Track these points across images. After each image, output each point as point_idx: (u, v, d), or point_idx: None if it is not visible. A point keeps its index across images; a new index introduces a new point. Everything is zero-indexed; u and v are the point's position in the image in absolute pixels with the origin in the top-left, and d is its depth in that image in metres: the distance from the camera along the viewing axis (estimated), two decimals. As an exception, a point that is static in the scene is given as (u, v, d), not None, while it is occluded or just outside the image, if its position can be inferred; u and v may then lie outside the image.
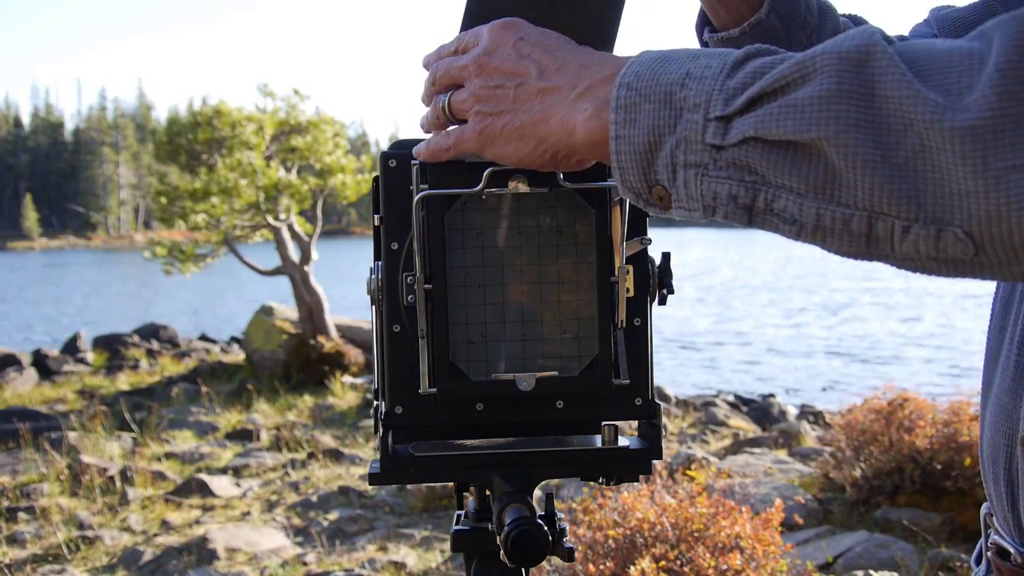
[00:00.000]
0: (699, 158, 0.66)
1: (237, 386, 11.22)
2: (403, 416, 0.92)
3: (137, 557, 5.67)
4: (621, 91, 0.70)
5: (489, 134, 0.79)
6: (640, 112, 0.68)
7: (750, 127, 0.63)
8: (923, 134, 0.57)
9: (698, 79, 0.66)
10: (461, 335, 0.91)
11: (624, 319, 0.90)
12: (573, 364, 0.92)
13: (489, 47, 0.80)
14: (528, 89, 0.77)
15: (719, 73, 0.66)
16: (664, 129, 0.67)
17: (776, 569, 3.43)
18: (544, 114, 0.75)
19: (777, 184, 0.63)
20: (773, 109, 0.62)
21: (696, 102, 0.66)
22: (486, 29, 0.81)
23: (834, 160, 0.60)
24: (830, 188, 0.61)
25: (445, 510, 6.28)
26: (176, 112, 43.64)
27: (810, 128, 0.60)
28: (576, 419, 0.96)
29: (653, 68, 0.69)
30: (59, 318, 26.50)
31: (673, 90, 0.67)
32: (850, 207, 0.60)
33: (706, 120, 0.65)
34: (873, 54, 0.59)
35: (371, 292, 0.93)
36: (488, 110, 0.79)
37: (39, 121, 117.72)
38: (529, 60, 0.77)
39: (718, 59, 0.67)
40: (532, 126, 0.76)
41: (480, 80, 0.79)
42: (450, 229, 0.89)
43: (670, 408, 9.67)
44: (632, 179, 0.70)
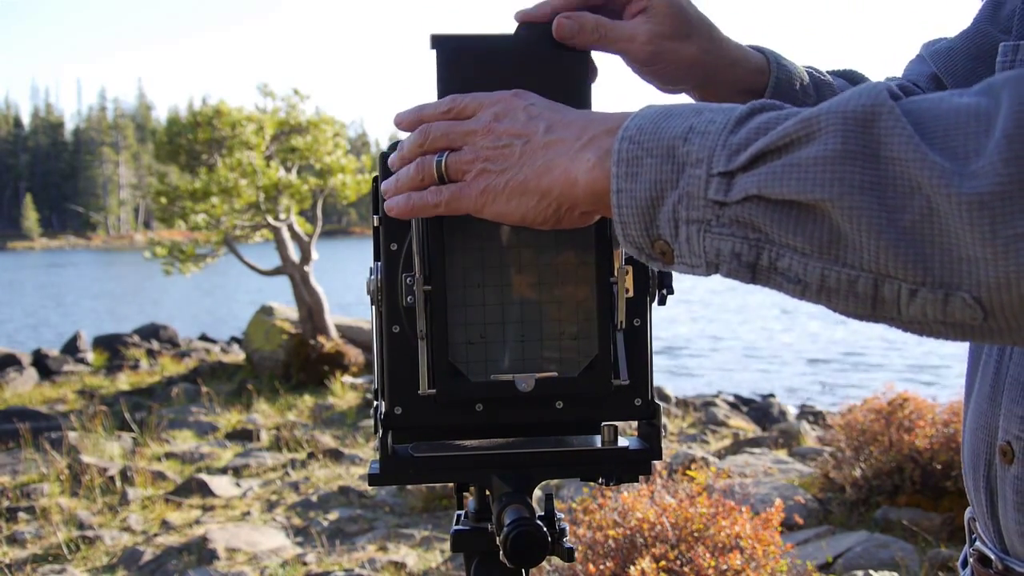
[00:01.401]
0: (701, 214, 0.65)
1: (237, 386, 11.22)
2: (403, 416, 0.92)
3: (137, 557, 5.67)
4: (623, 144, 0.69)
5: (491, 191, 0.78)
6: (642, 166, 0.68)
7: (753, 185, 0.62)
8: (931, 198, 0.56)
9: (701, 134, 0.66)
10: (460, 336, 0.91)
11: (624, 319, 0.90)
12: (573, 365, 0.92)
13: (499, 112, 0.79)
14: (535, 144, 0.76)
15: (723, 128, 0.65)
16: (666, 184, 0.66)
17: (776, 569, 3.43)
18: (547, 166, 0.75)
19: (781, 243, 0.62)
20: (777, 167, 0.61)
21: (699, 157, 0.65)
22: (493, 97, 0.81)
23: (839, 221, 0.59)
24: (835, 249, 0.60)
25: (445, 510, 6.28)
26: (176, 112, 43.60)
27: (814, 189, 0.59)
28: (576, 419, 0.96)
29: (656, 121, 0.68)
30: (59, 318, 26.50)
31: (676, 144, 0.66)
32: (856, 268, 0.60)
33: (709, 176, 0.64)
34: (879, 114, 0.58)
35: (371, 292, 0.93)
36: (493, 168, 0.78)
37: (39, 121, 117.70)
38: (538, 119, 0.77)
39: (722, 114, 0.66)
40: (535, 178, 0.75)
41: (488, 142, 0.79)
42: (449, 230, 0.89)
43: (670, 408, 9.68)
44: (634, 233, 0.69)
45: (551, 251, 0.91)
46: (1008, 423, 0.92)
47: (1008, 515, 0.93)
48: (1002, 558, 0.97)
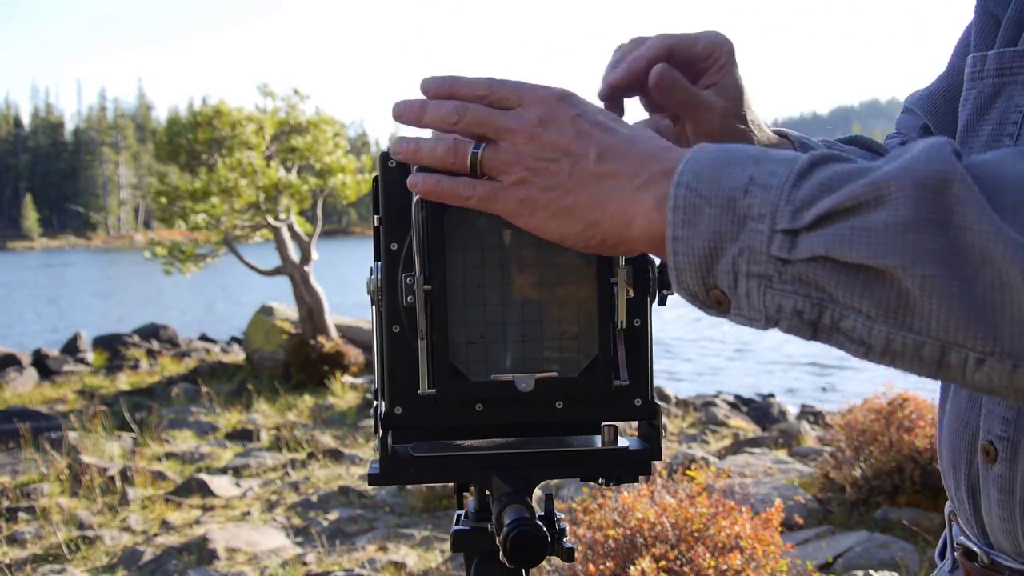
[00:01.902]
0: (763, 269, 0.64)
1: (237, 386, 11.22)
2: (403, 416, 0.92)
3: (137, 557, 5.67)
4: (679, 191, 0.68)
5: (531, 204, 0.76)
6: (700, 215, 0.66)
7: (820, 246, 0.62)
8: (1003, 271, 0.57)
9: (762, 187, 0.65)
10: (461, 336, 0.91)
11: (624, 320, 0.90)
12: (573, 365, 0.92)
13: (544, 117, 0.76)
14: (585, 169, 0.74)
15: (785, 182, 0.64)
16: (726, 236, 0.65)
17: (776, 569, 3.43)
18: (600, 199, 0.73)
19: (846, 304, 0.62)
20: (845, 230, 0.61)
21: (761, 212, 0.64)
22: (537, 94, 0.77)
23: (908, 288, 0.59)
24: (903, 314, 0.60)
25: (445, 510, 6.28)
26: (176, 112, 43.60)
27: (885, 255, 0.59)
28: (576, 420, 0.96)
29: (714, 168, 0.67)
30: (59, 318, 26.50)
31: (736, 196, 0.65)
32: (923, 335, 0.60)
33: (772, 231, 0.64)
34: (951, 181, 0.59)
35: (371, 292, 0.93)
36: (537, 181, 0.75)
37: (39, 121, 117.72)
38: (588, 139, 0.74)
39: (783, 165, 0.65)
40: (585, 209, 0.74)
41: (531, 150, 0.75)
42: (450, 230, 0.89)
43: (670, 408, 9.68)
44: (689, 281, 0.68)
45: (552, 251, 0.91)
46: (990, 423, 0.92)
47: (992, 512, 0.94)
48: (988, 552, 0.98)
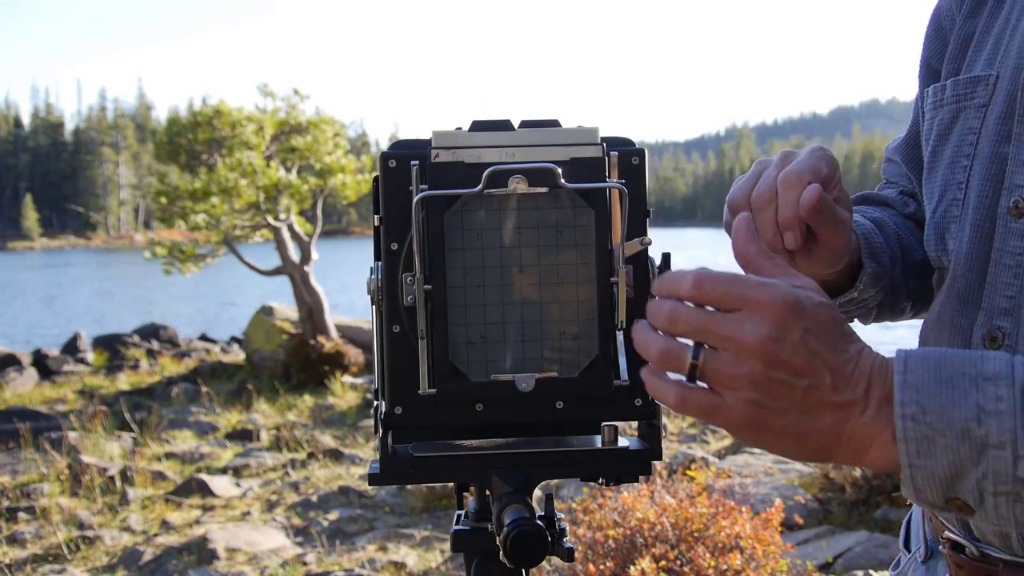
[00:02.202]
0: (1011, 488, 0.70)
1: (237, 386, 11.22)
2: (403, 416, 0.92)
3: (137, 557, 5.67)
4: (907, 423, 0.72)
5: (760, 426, 0.75)
6: (935, 446, 0.71)
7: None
8: None
9: (995, 415, 0.70)
10: (461, 336, 0.91)
11: (624, 319, 0.90)
12: (573, 365, 0.92)
13: (774, 333, 0.72)
14: (819, 396, 0.73)
15: (1013, 406, 0.69)
16: (967, 462, 0.71)
17: (776, 569, 3.43)
18: (836, 430, 0.74)
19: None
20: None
21: (1000, 440, 0.69)
22: (761, 300, 0.73)
23: None
24: None
25: (445, 510, 6.28)
26: (176, 112, 43.54)
27: None
28: (576, 420, 0.96)
29: (936, 397, 0.71)
30: (59, 318, 26.50)
31: (970, 426, 0.70)
32: None
33: (1016, 457, 0.69)
34: None
35: (371, 292, 0.93)
36: (768, 404, 0.74)
37: (39, 121, 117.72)
38: (820, 361, 0.73)
39: (1005, 386, 0.70)
40: (819, 436, 0.75)
41: (761, 368, 0.73)
42: (450, 230, 0.89)
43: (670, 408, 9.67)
44: (930, 497, 0.74)
45: (552, 251, 0.91)
46: None
47: None
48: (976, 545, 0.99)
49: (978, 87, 1.02)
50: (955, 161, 1.03)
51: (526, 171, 0.87)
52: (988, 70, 1.02)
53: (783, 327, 0.73)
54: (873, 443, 0.74)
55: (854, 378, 0.74)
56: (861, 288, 1.11)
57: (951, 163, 1.03)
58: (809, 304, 0.75)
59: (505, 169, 0.86)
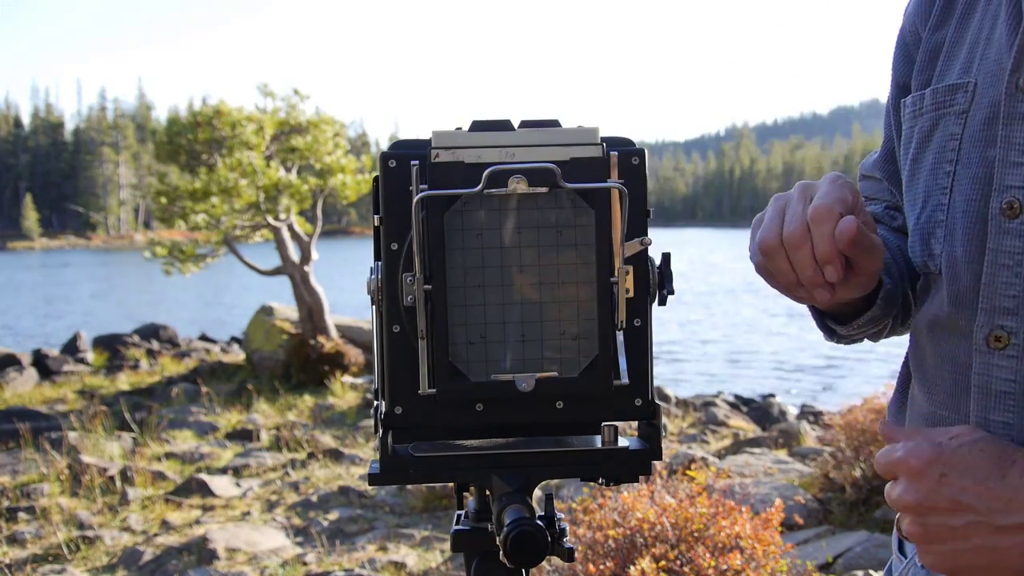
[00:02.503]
0: None
1: (237, 386, 11.22)
2: (403, 416, 0.92)
3: (137, 557, 5.67)
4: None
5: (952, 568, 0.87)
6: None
7: None
8: None
9: None
10: (461, 336, 0.91)
11: (624, 320, 0.90)
12: (573, 365, 0.92)
13: (913, 486, 0.87)
14: (985, 528, 0.83)
15: None
16: None
17: (776, 569, 3.43)
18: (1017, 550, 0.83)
19: None
20: None
21: None
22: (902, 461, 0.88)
23: None
24: None
25: (445, 510, 6.28)
26: (176, 112, 43.47)
27: None
28: (576, 420, 0.96)
29: None
30: (59, 318, 26.50)
31: None
32: None
33: None
34: None
35: (371, 292, 0.93)
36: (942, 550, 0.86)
37: (39, 121, 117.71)
38: (971, 496, 0.84)
39: None
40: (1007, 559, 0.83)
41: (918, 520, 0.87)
42: (450, 230, 0.89)
43: (670, 408, 9.68)
44: None
45: (552, 251, 0.91)
46: None
47: None
48: None
49: (957, 94, 1.04)
50: (937, 167, 1.04)
51: (526, 171, 0.87)
52: (965, 77, 1.04)
53: (919, 480, 0.86)
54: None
55: (1014, 504, 0.82)
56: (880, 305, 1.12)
57: (933, 169, 1.05)
58: (948, 449, 0.86)
59: (505, 169, 0.86)
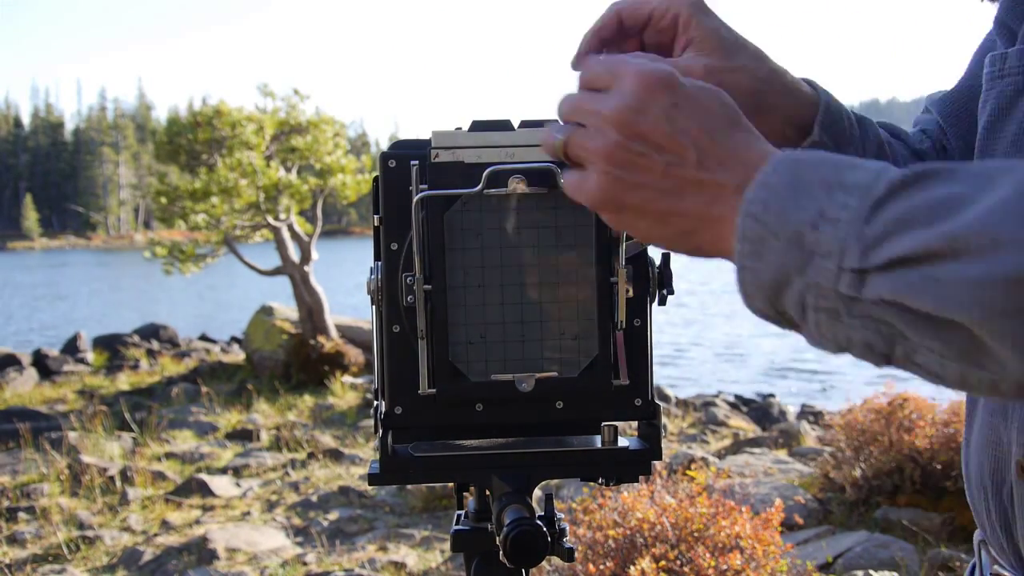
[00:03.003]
0: (831, 304, 0.62)
1: (237, 386, 11.22)
2: (403, 416, 0.92)
3: (137, 557, 5.67)
4: (748, 222, 0.65)
5: (618, 202, 0.71)
6: (766, 247, 0.64)
7: (887, 291, 0.59)
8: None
9: (832, 222, 0.61)
10: (461, 336, 0.91)
11: (624, 320, 0.91)
12: (573, 365, 0.92)
13: (636, 104, 0.69)
14: (684, 174, 0.69)
15: (856, 216, 0.61)
16: (792, 270, 0.63)
17: (776, 569, 3.43)
18: (699, 209, 0.69)
19: (917, 342, 0.60)
20: (915, 278, 0.58)
21: (829, 249, 0.61)
22: (632, 74, 0.70)
23: (982, 337, 0.57)
24: (976, 357, 0.58)
25: (445, 510, 6.28)
26: (176, 112, 43.52)
27: (955, 309, 0.57)
28: (576, 420, 0.96)
29: (783, 199, 0.64)
30: (59, 318, 26.50)
31: (803, 231, 0.62)
32: (998, 374, 0.58)
33: (840, 269, 0.61)
34: None
35: (371, 292, 0.93)
36: (626, 176, 0.70)
37: (39, 121, 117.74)
38: (686, 138, 0.69)
39: (856, 196, 0.61)
40: (682, 217, 0.69)
41: (618, 137, 0.70)
42: (449, 230, 0.89)
43: (670, 408, 9.68)
44: (759, 305, 0.67)
45: (552, 251, 0.91)
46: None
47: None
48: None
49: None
50: (1020, 138, 0.90)
51: (526, 171, 0.87)
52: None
53: (646, 99, 0.69)
54: (730, 231, 0.67)
55: (729, 161, 0.68)
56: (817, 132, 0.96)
57: (1014, 142, 0.91)
58: (690, 84, 0.71)
59: (505, 169, 0.86)
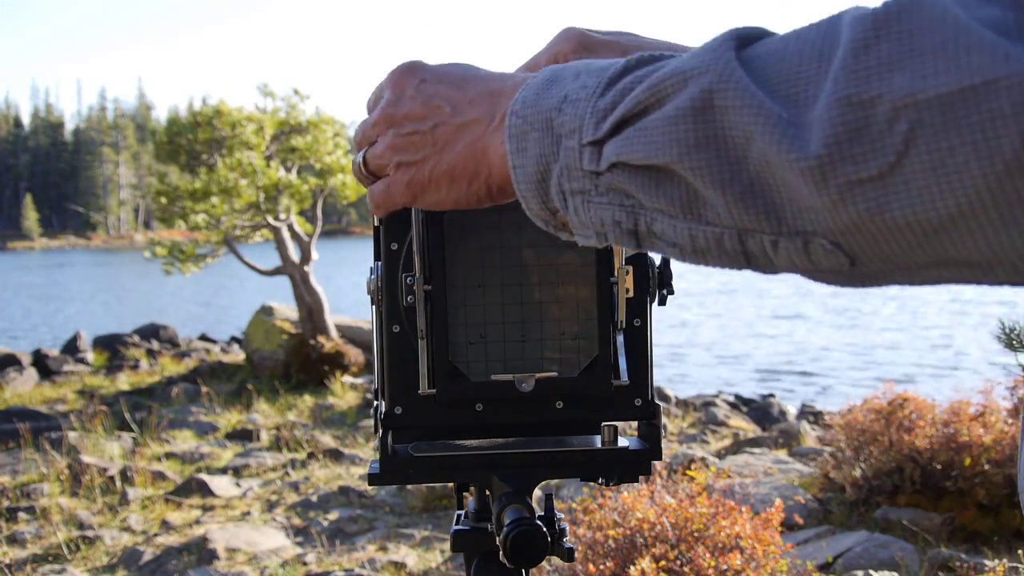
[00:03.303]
0: (581, 185, 0.62)
1: (237, 386, 11.22)
2: (403, 416, 0.92)
3: (137, 557, 5.67)
4: (512, 119, 0.66)
5: (418, 183, 0.75)
6: (528, 140, 0.65)
7: (613, 152, 0.60)
8: (764, 150, 0.53)
9: (573, 102, 0.63)
10: (460, 336, 0.91)
11: (624, 320, 0.91)
12: (573, 365, 0.92)
13: (392, 97, 0.76)
14: (446, 129, 0.73)
15: (593, 93, 0.62)
16: (549, 157, 0.64)
17: (776, 569, 3.43)
18: (469, 150, 0.72)
19: (651, 207, 0.60)
20: (631, 133, 0.59)
21: (572, 127, 0.62)
22: (387, 79, 0.77)
23: (690, 180, 0.57)
24: (695, 208, 0.58)
25: (445, 510, 6.28)
26: (176, 112, 43.52)
27: (658, 152, 0.57)
28: (576, 420, 0.96)
29: (539, 91, 0.66)
30: (59, 318, 26.50)
31: (552, 115, 0.64)
32: (717, 225, 0.58)
33: (581, 146, 0.62)
34: (714, 68, 0.56)
35: (371, 292, 0.93)
36: (409, 159, 0.75)
37: (39, 121, 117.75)
38: (438, 98, 0.73)
39: (595, 76, 0.63)
40: (461, 165, 0.72)
41: (392, 131, 0.75)
42: (449, 230, 0.89)
43: (670, 408, 9.68)
44: (535, 208, 0.67)
45: (552, 251, 0.91)
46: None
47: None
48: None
49: None
50: None
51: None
52: None
53: (398, 88, 0.76)
54: (499, 150, 0.68)
55: (477, 99, 0.72)
56: None
57: None
58: (434, 64, 0.77)
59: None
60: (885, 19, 0.50)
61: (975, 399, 5.70)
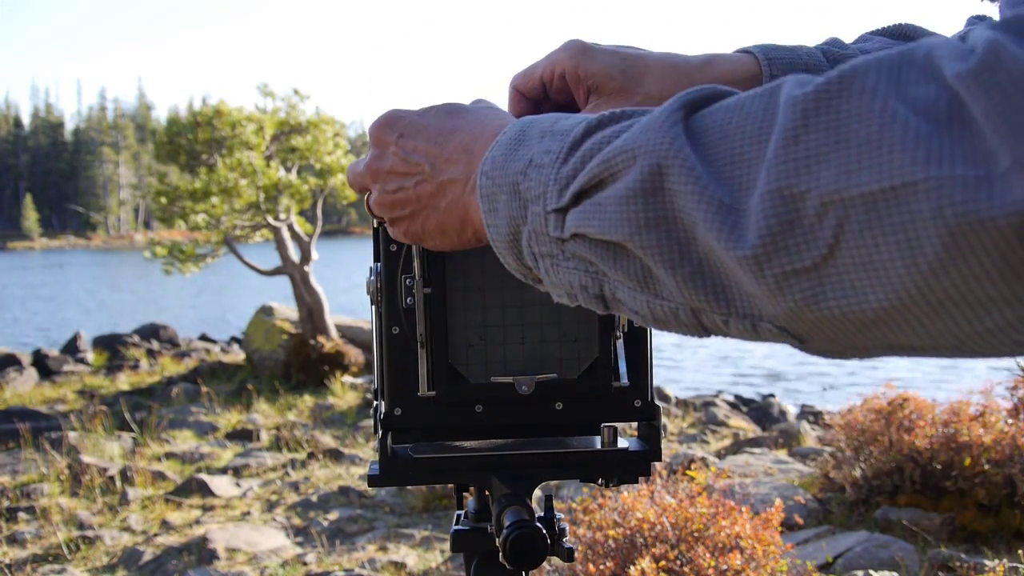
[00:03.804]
0: (549, 249, 0.64)
1: (237, 386, 11.22)
2: (402, 417, 0.92)
3: (137, 557, 5.67)
4: (483, 180, 0.68)
5: (415, 234, 0.79)
6: (499, 202, 0.67)
7: (573, 224, 0.61)
8: (706, 237, 0.54)
9: (538, 167, 0.64)
10: (460, 338, 0.91)
11: (624, 322, 0.91)
12: (573, 366, 0.92)
13: (375, 152, 0.80)
14: (428, 187, 0.76)
15: (556, 159, 0.63)
16: (519, 220, 0.66)
17: (776, 569, 3.43)
18: (452, 208, 0.75)
19: (612, 277, 0.61)
20: (588, 207, 0.60)
21: (536, 193, 0.64)
22: (369, 131, 0.80)
23: (641, 256, 0.58)
24: (651, 283, 0.59)
25: (445, 510, 6.28)
26: (176, 112, 43.52)
27: (612, 229, 0.58)
28: (575, 421, 0.96)
29: (506, 152, 0.67)
30: (59, 318, 26.50)
31: (518, 180, 0.65)
32: (672, 301, 0.59)
33: (546, 213, 0.63)
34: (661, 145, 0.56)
35: (371, 293, 0.93)
36: (399, 215, 0.79)
37: (39, 121, 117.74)
38: (416, 155, 0.76)
39: (558, 140, 0.64)
40: (448, 222, 0.76)
41: (378, 186, 0.79)
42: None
43: (670, 408, 9.67)
44: (512, 263, 0.69)
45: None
46: None
47: None
48: None
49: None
50: None
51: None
52: None
53: (379, 143, 0.79)
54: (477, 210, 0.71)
55: (452, 156, 0.74)
56: None
57: None
58: (406, 112, 0.79)
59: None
60: (815, 107, 0.50)
61: (975, 399, 5.70)
